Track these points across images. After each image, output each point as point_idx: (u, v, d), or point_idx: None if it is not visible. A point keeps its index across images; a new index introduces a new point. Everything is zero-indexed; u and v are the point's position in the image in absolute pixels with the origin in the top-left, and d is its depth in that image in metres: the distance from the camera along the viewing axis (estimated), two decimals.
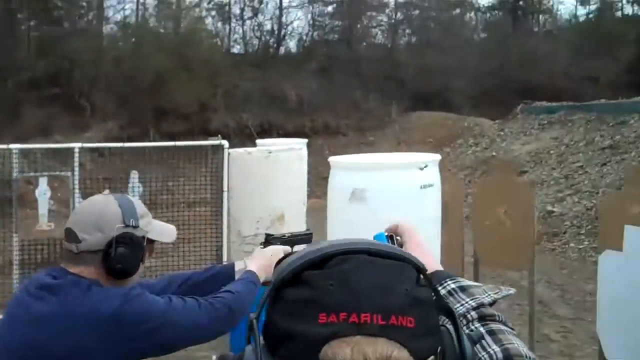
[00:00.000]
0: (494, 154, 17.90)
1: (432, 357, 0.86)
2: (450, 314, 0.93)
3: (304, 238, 2.57)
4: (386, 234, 1.38)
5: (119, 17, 29.83)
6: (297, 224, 6.90)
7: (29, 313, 1.99)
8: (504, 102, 25.91)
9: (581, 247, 11.41)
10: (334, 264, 0.87)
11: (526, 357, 1.10)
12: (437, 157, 4.96)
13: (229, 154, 7.22)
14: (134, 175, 14.19)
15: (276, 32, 31.40)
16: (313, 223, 7.53)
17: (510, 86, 28.02)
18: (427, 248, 1.35)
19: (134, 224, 2.07)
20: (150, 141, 20.54)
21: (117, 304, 1.97)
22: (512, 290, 5.04)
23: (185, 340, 2.17)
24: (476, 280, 6.33)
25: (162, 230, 2.26)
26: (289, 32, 31.90)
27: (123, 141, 19.67)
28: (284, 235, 2.58)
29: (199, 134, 22.80)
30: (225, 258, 6.60)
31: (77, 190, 7.22)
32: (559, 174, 14.86)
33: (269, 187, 6.86)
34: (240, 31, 31.45)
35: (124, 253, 2.02)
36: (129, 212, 2.08)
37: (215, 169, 6.90)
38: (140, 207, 2.15)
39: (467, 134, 21.68)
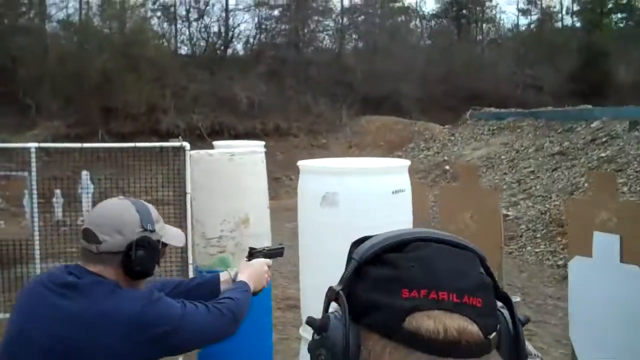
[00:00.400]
0: (445, 158, 18.08)
1: (494, 333, 0.96)
2: (506, 300, 1.03)
3: (278, 251, 2.98)
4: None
5: (61, 15, 29.25)
6: (261, 226, 6.85)
7: (55, 310, 2.08)
8: (451, 108, 26.29)
9: (538, 250, 11.59)
10: (412, 249, 0.97)
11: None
12: (407, 162, 4.98)
13: (190, 155, 7.13)
14: (86, 175, 13.99)
15: (223, 34, 31.20)
16: (272, 224, 7.51)
17: (457, 92, 28.44)
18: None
19: (150, 229, 2.20)
20: (99, 140, 20.24)
21: (140, 306, 2.09)
22: None
23: (196, 343, 2.31)
24: None
25: (173, 235, 2.39)
26: (236, 35, 31.77)
27: (71, 140, 19.33)
28: (264, 249, 2.89)
29: (149, 134, 22.56)
30: (190, 260, 6.50)
31: (34, 190, 7.04)
32: (511, 178, 15.09)
33: (232, 190, 6.80)
34: (187, 32, 31.20)
35: (142, 256, 2.15)
36: (146, 217, 2.21)
37: (178, 170, 6.79)
38: (154, 213, 2.28)
39: (418, 138, 21.87)
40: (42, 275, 2.30)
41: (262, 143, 10.80)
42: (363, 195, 4.46)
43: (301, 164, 4.91)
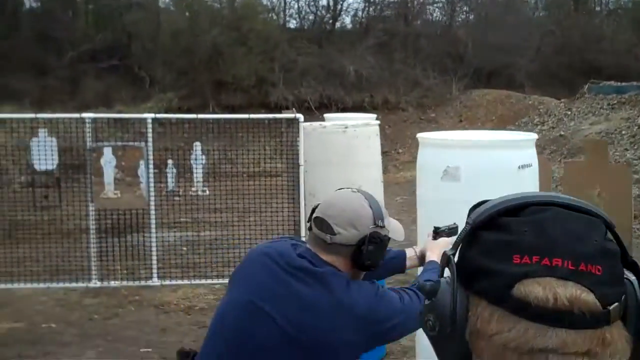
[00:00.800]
0: (562, 133, 17.33)
1: (616, 303, 0.90)
2: (635, 267, 0.96)
3: (455, 231, 2.81)
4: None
5: None
6: None
7: (291, 293, 2.16)
8: (567, 81, 25.25)
9: None
10: (529, 213, 0.93)
11: None
12: (534, 135, 4.69)
13: (303, 127, 7.03)
14: (197, 146, 14.26)
15: (332, 7, 31.00)
16: (384, 198, 7.34)
17: (573, 65, 27.28)
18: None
19: (381, 224, 2.27)
20: (210, 113, 20.60)
21: (370, 302, 2.18)
22: None
23: (404, 334, 2.36)
24: None
25: (396, 229, 2.47)
26: (344, 8, 31.49)
27: (183, 112, 19.74)
28: (447, 228, 2.79)
29: (258, 107, 22.79)
30: (303, 233, 6.41)
31: (150, 160, 7.15)
32: (633, 155, 14.30)
33: (345, 163, 6.67)
34: (296, 6, 31.15)
35: (373, 250, 2.22)
36: (378, 213, 2.27)
37: (290, 142, 6.71)
38: (383, 208, 2.34)
39: (532, 112, 21.08)
40: (266, 248, 2.34)
41: (374, 116, 10.63)
42: (487, 170, 4.22)
43: (421, 136, 4.71)
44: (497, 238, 0.92)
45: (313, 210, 2.33)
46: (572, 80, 24.62)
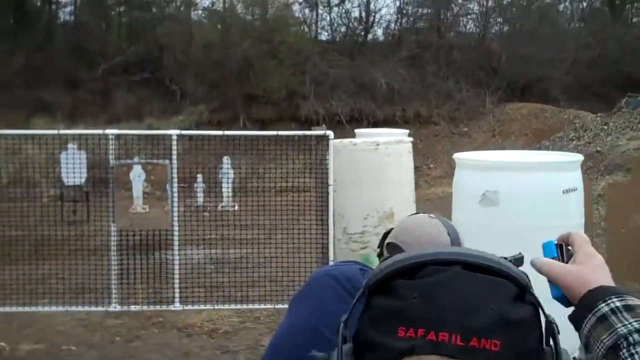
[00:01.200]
0: (598, 149, 16.92)
1: None
2: (549, 331, 0.86)
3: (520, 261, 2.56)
4: (556, 242, 1.25)
5: (206, 3, 29.93)
6: None
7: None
8: (604, 95, 24.75)
9: None
10: (424, 274, 0.84)
11: None
12: (579, 157, 4.40)
13: (333, 145, 6.79)
14: (227, 161, 14.11)
15: (364, 19, 30.84)
16: None
17: (610, 78, 26.76)
18: (599, 261, 1.17)
19: None
20: (240, 126, 20.53)
21: None
22: None
23: None
24: None
25: None
26: (376, 20, 31.31)
27: (213, 125, 19.68)
28: (515, 258, 2.54)
29: (289, 120, 22.67)
30: (331, 256, 6.17)
31: (174, 179, 6.97)
32: None
33: (376, 182, 6.44)
34: (328, 18, 31.04)
35: None
36: (456, 241, 2.10)
37: (320, 160, 6.49)
38: (461, 235, 2.16)
39: (567, 127, 20.65)
40: (333, 270, 2.13)
41: (407, 131, 10.39)
42: (529, 194, 3.96)
43: (458, 157, 4.45)
44: (386, 305, 0.84)
45: (385, 235, 2.18)
46: (608, 93, 24.14)
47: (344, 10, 30.60)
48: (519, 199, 3.94)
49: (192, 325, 7.76)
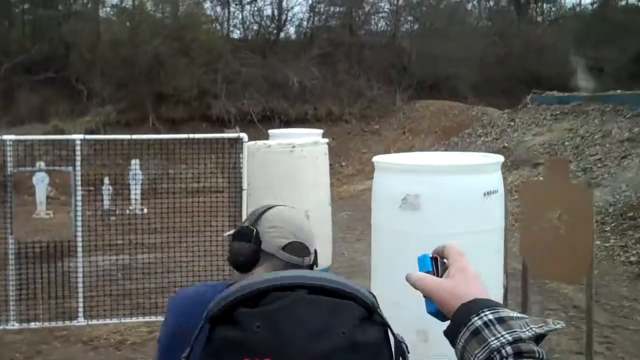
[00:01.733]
0: (505, 144, 17.30)
1: None
2: (399, 351, 0.86)
3: None
4: (431, 255, 1.24)
5: (115, 0, 29.08)
6: (321, 225, 6.31)
7: None
8: (510, 92, 25.39)
9: (607, 245, 10.82)
10: (267, 302, 0.83)
11: None
12: (500, 158, 4.36)
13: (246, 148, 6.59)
14: (135, 163, 13.69)
15: (276, 17, 30.67)
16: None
17: (515, 75, 27.52)
18: (472, 275, 1.15)
19: None
20: (149, 126, 20.01)
21: None
22: (561, 325, 4.45)
23: None
24: (523, 293, 5.74)
25: None
26: (289, 18, 31.20)
27: (121, 126, 19.11)
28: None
29: (200, 120, 22.28)
30: None
31: (79, 187, 6.60)
32: (576, 167, 14.24)
33: (292, 185, 6.28)
34: (240, 16, 30.74)
35: None
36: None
37: (233, 163, 6.28)
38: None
39: (475, 123, 21.04)
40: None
41: (321, 131, 10.25)
42: (450, 197, 3.88)
43: (377, 160, 4.34)
44: (227, 336, 0.81)
45: (246, 237, 2.03)
46: (514, 90, 24.78)
47: (256, 8, 30.43)
48: (441, 202, 3.86)
49: (97, 338, 7.36)
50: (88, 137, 7.01)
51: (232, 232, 2.11)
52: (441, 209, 3.87)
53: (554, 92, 20.53)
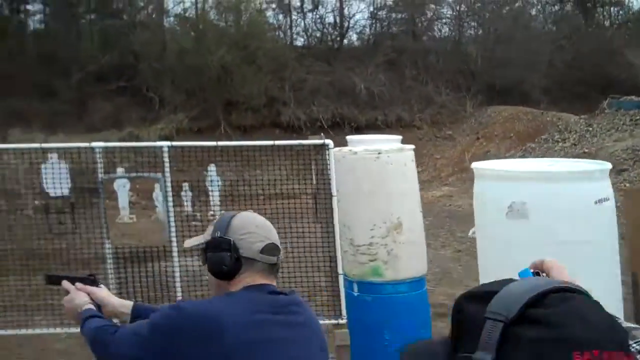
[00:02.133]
0: (585, 150, 16.91)
1: None
2: None
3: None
4: (532, 270, 1.30)
5: (178, 9, 29.54)
6: (415, 232, 6.18)
7: None
8: (582, 96, 24.86)
9: None
10: (554, 302, 0.86)
11: None
12: (608, 165, 4.22)
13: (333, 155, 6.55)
14: (212, 169, 13.84)
15: (338, 24, 30.70)
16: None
17: (586, 80, 26.94)
18: None
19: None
20: (221, 133, 20.21)
21: None
22: None
23: None
24: (635, 304, 5.53)
25: None
26: (351, 25, 31.21)
27: (194, 132, 19.34)
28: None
29: (270, 126, 22.43)
30: (339, 269, 5.92)
31: (169, 192, 6.68)
32: None
33: (382, 192, 6.21)
34: (302, 24, 30.87)
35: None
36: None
37: (321, 170, 6.24)
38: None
39: (550, 129, 20.64)
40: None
41: (400, 137, 10.10)
42: (559, 206, 3.77)
43: (477, 166, 4.25)
44: (544, 335, 0.83)
45: (216, 245, 2.11)
46: (586, 95, 24.26)
47: (318, 16, 30.51)
48: (550, 210, 3.74)
49: None
50: (175, 143, 7.07)
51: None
52: (551, 217, 3.76)
53: (632, 97, 20.00)
